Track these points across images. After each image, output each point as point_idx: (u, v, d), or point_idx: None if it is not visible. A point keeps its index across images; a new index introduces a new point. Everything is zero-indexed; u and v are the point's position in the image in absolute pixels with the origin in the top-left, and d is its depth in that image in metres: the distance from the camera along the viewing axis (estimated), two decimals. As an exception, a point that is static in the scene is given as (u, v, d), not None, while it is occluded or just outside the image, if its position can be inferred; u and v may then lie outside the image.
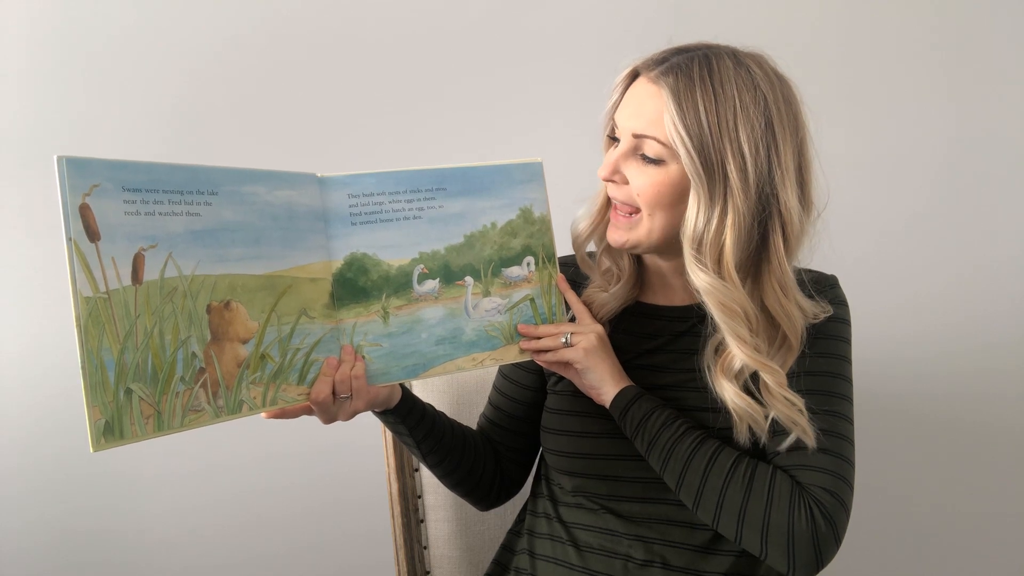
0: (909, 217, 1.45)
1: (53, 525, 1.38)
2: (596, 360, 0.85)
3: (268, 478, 1.41)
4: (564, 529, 0.92)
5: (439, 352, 0.85)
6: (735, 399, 0.80)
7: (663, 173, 0.79)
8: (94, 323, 0.64)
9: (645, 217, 0.82)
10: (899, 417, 1.48)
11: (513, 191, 0.88)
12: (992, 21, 1.43)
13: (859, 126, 1.43)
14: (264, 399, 0.75)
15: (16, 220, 1.35)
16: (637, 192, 0.81)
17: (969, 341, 1.47)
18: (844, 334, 0.88)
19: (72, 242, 0.63)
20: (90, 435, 0.62)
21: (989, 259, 1.47)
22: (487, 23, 1.41)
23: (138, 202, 0.68)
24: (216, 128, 1.39)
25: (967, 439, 1.50)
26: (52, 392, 1.35)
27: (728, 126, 0.75)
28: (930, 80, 1.44)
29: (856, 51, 1.43)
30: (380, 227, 0.83)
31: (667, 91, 0.77)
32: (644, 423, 0.83)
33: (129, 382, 0.65)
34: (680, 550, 0.86)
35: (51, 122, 1.35)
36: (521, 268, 0.89)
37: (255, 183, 0.76)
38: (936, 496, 1.51)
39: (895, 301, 1.45)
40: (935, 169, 1.45)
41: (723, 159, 0.75)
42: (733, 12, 1.38)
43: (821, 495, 0.77)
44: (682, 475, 0.81)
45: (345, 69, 1.40)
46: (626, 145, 0.81)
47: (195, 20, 1.37)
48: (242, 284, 0.74)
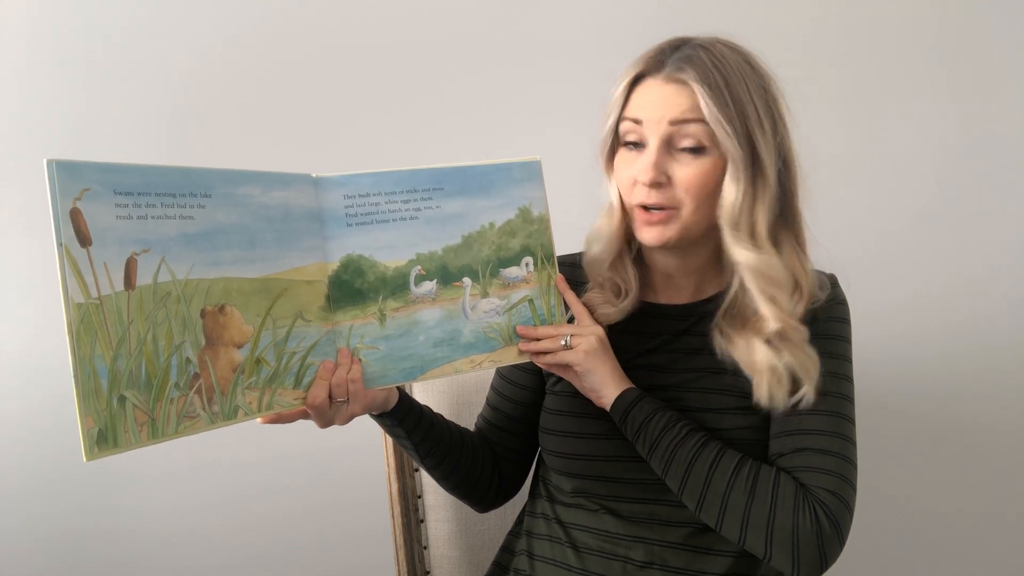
0: (909, 217, 1.45)
1: (53, 525, 1.38)
2: (596, 362, 0.84)
3: (268, 478, 1.41)
4: (563, 530, 0.91)
5: (437, 354, 0.84)
6: (768, 360, 0.80)
7: (707, 162, 0.80)
8: (86, 330, 0.63)
9: (686, 212, 0.81)
10: (898, 417, 1.48)
11: (511, 190, 0.87)
12: (992, 20, 1.43)
13: (859, 126, 1.43)
14: (260, 404, 0.74)
15: (15, 220, 1.34)
16: (686, 186, 0.80)
17: (969, 341, 1.47)
18: (844, 333, 0.88)
19: (63, 247, 0.62)
20: (83, 444, 0.61)
21: (989, 259, 1.46)
22: (486, 23, 1.40)
23: (130, 206, 0.67)
24: (215, 128, 1.38)
25: (967, 439, 1.50)
26: (52, 392, 1.34)
27: (749, 104, 0.79)
28: (930, 80, 1.43)
29: (856, 51, 1.43)
30: (376, 228, 0.82)
31: (693, 81, 0.78)
32: (645, 426, 0.82)
33: (123, 389, 0.64)
34: (679, 551, 0.86)
35: (50, 122, 1.34)
36: (520, 269, 0.88)
37: (249, 184, 0.75)
38: (936, 496, 1.51)
39: (894, 301, 1.44)
40: (935, 169, 1.44)
41: (751, 133, 0.79)
42: (732, 12, 1.38)
43: (825, 496, 0.77)
44: (685, 478, 0.80)
45: (344, 70, 1.40)
46: (659, 141, 0.80)
47: (194, 20, 1.37)
48: (237, 288, 0.73)
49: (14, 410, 1.35)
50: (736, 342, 0.83)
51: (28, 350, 1.34)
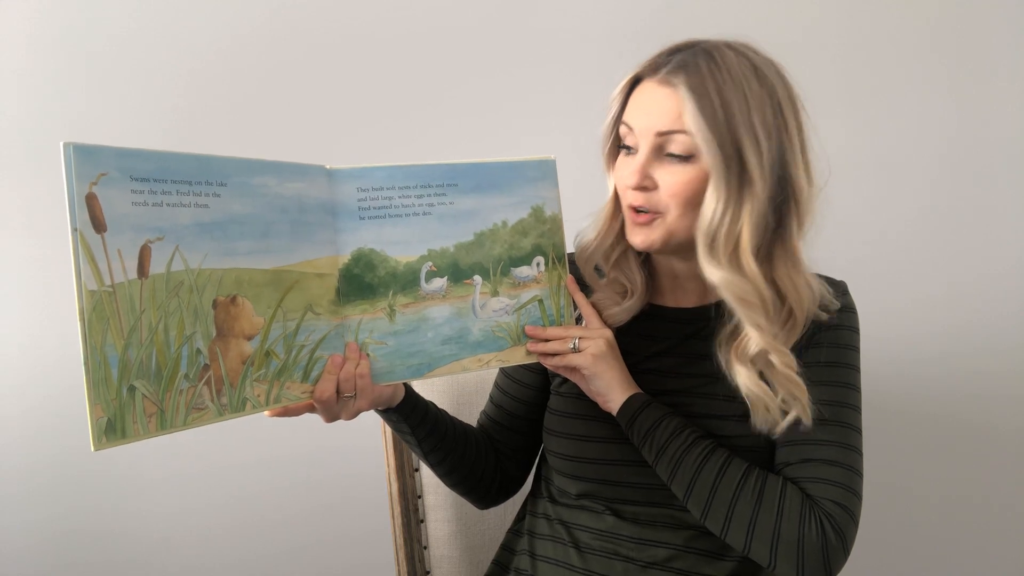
0: (909, 217, 1.44)
1: (53, 525, 1.36)
2: (604, 367, 0.84)
3: (268, 478, 1.40)
4: (565, 530, 0.91)
5: (445, 352, 0.84)
6: (749, 384, 0.79)
7: (694, 169, 0.78)
8: (98, 318, 0.62)
9: (670, 218, 0.80)
10: (898, 417, 1.49)
11: (525, 189, 0.87)
12: (992, 19, 1.42)
13: (859, 126, 1.43)
14: (268, 397, 0.73)
15: (16, 217, 1.32)
16: (671, 193, 0.79)
17: (969, 341, 1.47)
18: (853, 342, 0.88)
19: (77, 233, 0.61)
20: (91, 433, 0.61)
21: (990, 259, 1.46)
22: (497, 22, 1.39)
23: (146, 192, 0.66)
24: (223, 125, 1.36)
25: (966, 440, 1.50)
26: (52, 391, 1.33)
27: (743, 115, 0.76)
28: (931, 79, 1.43)
29: (855, 50, 1.42)
30: (389, 222, 0.81)
31: (683, 87, 0.76)
32: (652, 433, 0.82)
33: (132, 379, 0.63)
34: (684, 554, 0.86)
35: (52, 118, 1.32)
36: (531, 268, 0.87)
37: (265, 174, 0.74)
38: (936, 496, 1.51)
39: (894, 301, 1.44)
40: (935, 169, 1.44)
41: (741, 148, 0.76)
42: (733, 12, 1.37)
43: (831, 508, 0.78)
44: (691, 486, 0.80)
45: (356, 66, 1.38)
46: (649, 147, 0.80)
47: (204, 16, 1.34)
48: (249, 279, 0.72)
49: (15, 410, 1.33)
50: (729, 359, 0.82)
51: (28, 350, 1.32)
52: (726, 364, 0.82)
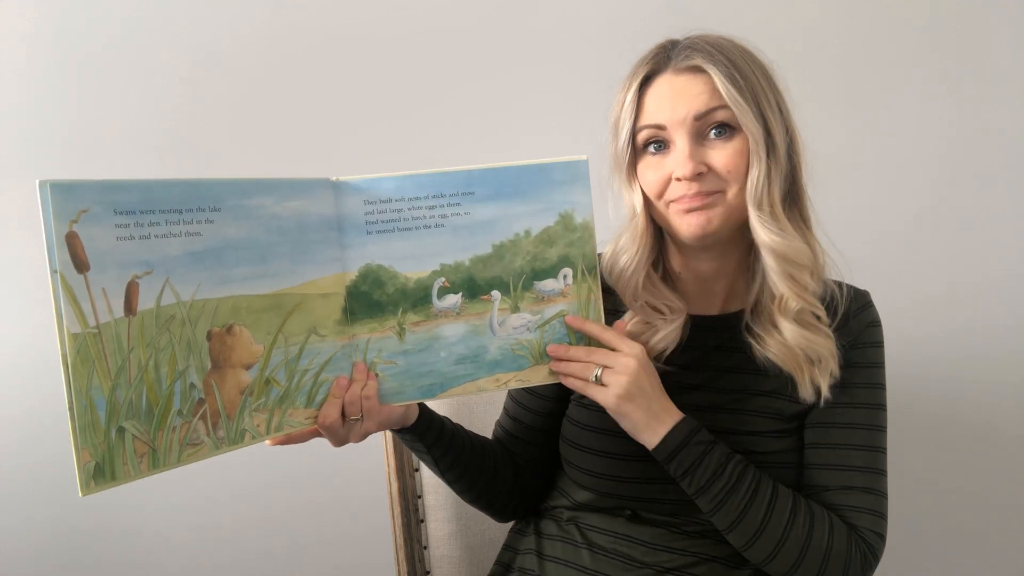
0: (909, 217, 1.43)
1: (53, 525, 1.38)
2: (630, 408, 0.77)
3: (268, 477, 1.40)
4: (579, 532, 0.88)
5: (459, 372, 0.79)
6: (798, 337, 0.81)
7: (739, 141, 0.79)
8: (83, 361, 0.60)
9: (731, 194, 0.80)
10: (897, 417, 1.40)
11: (552, 194, 0.79)
12: (992, 19, 1.40)
13: (859, 126, 1.41)
14: (268, 426, 0.72)
15: (16, 217, 1.32)
16: (727, 169, 0.79)
17: (968, 341, 1.45)
18: (879, 359, 0.88)
19: (58, 275, 0.59)
20: (79, 479, 0.60)
21: (990, 259, 1.44)
22: (497, 22, 1.36)
23: (132, 225, 0.63)
24: (223, 125, 1.33)
25: (966, 440, 1.48)
26: (52, 391, 1.31)
27: (756, 80, 0.79)
28: (930, 79, 1.41)
29: (855, 50, 1.40)
30: (398, 236, 0.77)
31: (709, 66, 0.78)
32: (692, 471, 0.78)
33: (121, 420, 0.62)
34: (702, 561, 0.83)
35: (52, 118, 1.31)
36: (556, 281, 0.81)
37: (261, 195, 0.70)
38: (937, 497, 1.49)
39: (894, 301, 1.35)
40: (935, 168, 1.42)
41: (765, 113, 0.79)
42: (734, 12, 1.35)
43: (869, 536, 0.81)
44: (736, 523, 0.79)
45: (355, 66, 1.34)
46: (688, 134, 0.79)
47: (204, 15, 1.31)
48: (247, 305, 0.69)
49: (14, 410, 1.35)
50: (766, 340, 0.82)
51: (28, 350, 1.33)
52: (764, 345, 0.82)
